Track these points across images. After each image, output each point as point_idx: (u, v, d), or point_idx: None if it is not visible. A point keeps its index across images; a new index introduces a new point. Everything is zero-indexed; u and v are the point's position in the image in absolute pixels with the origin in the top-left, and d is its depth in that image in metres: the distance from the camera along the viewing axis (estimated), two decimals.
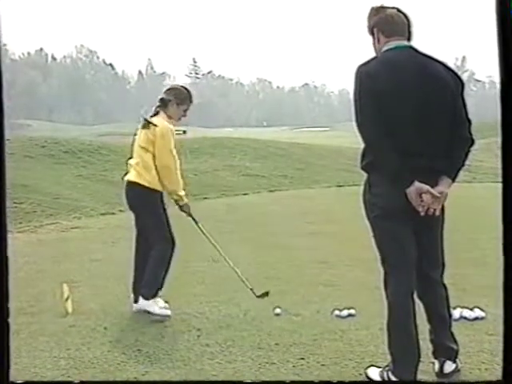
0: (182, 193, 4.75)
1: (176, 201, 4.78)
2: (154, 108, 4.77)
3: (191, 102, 4.83)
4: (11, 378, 2.02)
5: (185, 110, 4.80)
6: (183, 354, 3.87)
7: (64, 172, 19.62)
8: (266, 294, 4.66)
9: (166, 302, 4.78)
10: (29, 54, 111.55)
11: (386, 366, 3.27)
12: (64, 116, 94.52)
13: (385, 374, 3.25)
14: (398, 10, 3.25)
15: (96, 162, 21.70)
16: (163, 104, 4.73)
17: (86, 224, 10.08)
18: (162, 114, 4.71)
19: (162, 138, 4.58)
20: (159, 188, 4.66)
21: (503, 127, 2.08)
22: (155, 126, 4.59)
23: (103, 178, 19.61)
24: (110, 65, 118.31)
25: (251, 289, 4.69)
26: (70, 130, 57.80)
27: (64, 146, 22.53)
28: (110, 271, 6.28)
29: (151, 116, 4.72)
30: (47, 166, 19.73)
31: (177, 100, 4.73)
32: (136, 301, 4.77)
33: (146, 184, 4.61)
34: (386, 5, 3.30)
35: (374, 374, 3.34)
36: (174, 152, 4.64)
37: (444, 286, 3.35)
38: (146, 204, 4.67)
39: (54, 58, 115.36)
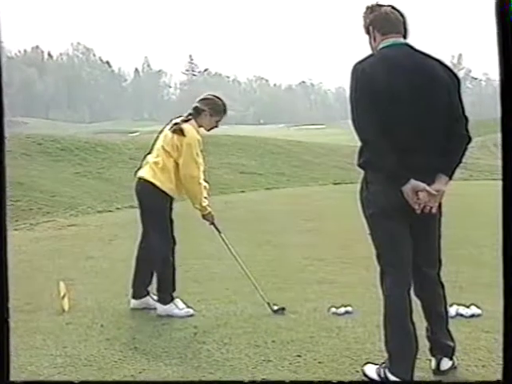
0: (206, 202, 4.70)
1: (199, 210, 4.75)
2: (185, 114, 4.70)
3: (225, 113, 4.78)
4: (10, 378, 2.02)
5: (217, 121, 4.76)
6: (180, 351, 3.86)
7: (61, 170, 19.61)
8: (283, 309, 4.64)
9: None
10: (25, 51, 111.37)
11: (383, 363, 3.27)
12: (60, 113, 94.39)
13: (381, 371, 3.25)
14: (393, 8, 3.25)
15: (93, 159, 21.68)
16: (196, 112, 4.67)
17: (83, 222, 10.07)
18: (193, 121, 4.65)
19: (188, 148, 4.52)
20: (171, 192, 4.62)
21: (503, 126, 2.08)
22: (183, 136, 4.55)
23: (100, 176, 19.63)
24: (107, 62, 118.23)
25: (268, 303, 4.67)
26: (67, 128, 57.77)
27: (61, 143, 22.51)
28: (106, 269, 6.29)
29: (182, 121, 4.65)
30: (44, 163, 19.71)
31: (211, 111, 4.68)
32: (134, 297, 4.76)
33: (159, 184, 4.57)
34: (380, 3, 3.30)
35: (371, 371, 3.34)
36: (200, 160, 4.61)
37: (441, 283, 3.36)
38: (154, 204, 4.64)
39: (50, 56, 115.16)
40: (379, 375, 3.26)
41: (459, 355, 3.46)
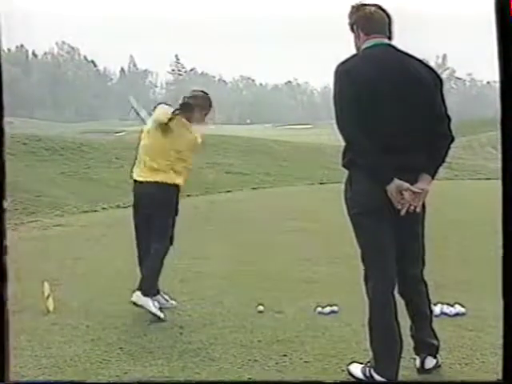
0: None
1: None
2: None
3: (211, 106, 4.84)
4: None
5: (206, 114, 4.81)
6: (166, 351, 3.86)
7: (46, 169, 19.48)
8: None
9: (173, 299, 4.85)
10: (9, 50, 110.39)
11: (368, 362, 3.29)
12: (46, 113, 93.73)
13: (367, 370, 3.26)
14: (379, 8, 3.27)
15: (78, 159, 21.57)
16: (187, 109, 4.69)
17: (68, 222, 10.02)
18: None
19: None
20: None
21: (503, 126, 2.09)
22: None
23: (85, 176, 19.54)
24: (92, 62, 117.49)
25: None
26: (52, 128, 57.32)
27: (46, 143, 22.37)
28: (92, 269, 6.26)
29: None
30: (29, 163, 19.56)
31: (203, 108, 4.77)
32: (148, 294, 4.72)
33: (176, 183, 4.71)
34: (366, 2, 3.32)
35: (356, 370, 3.36)
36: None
37: (424, 282, 3.38)
38: (172, 203, 4.72)
39: (34, 55, 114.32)
40: (364, 374, 3.28)
41: (443, 354, 3.49)
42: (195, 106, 4.70)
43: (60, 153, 21.69)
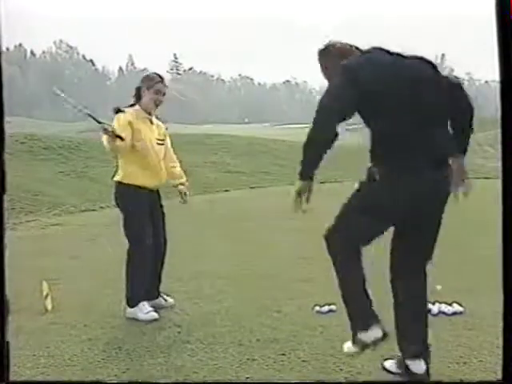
0: None
1: None
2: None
3: (161, 80, 4.72)
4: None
5: (157, 92, 4.67)
6: (164, 350, 3.86)
7: (44, 169, 19.48)
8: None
9: (168, 295, 4.82)
10: (7, 49, 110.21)
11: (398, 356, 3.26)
12: (44, 112, 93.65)
13: (399, 363, 3.25)
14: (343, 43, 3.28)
15: (76, 158, 21.56)
16: (137, 97, 4.71)
17: (67, 221, 10.02)
18: (136, 106, 4.70)
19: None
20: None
21: (503, 126, 2.09)
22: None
23: (84, 175, 19.53)
24: (90, 61, 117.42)
25: None
26: (50, 127, 57.28)
27: (44, 142, 22.37)
28: (90, 268, 6.26)
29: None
30: (27, 162, 19.55)
31: (146, 85, 4.66)
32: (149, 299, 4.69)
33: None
34: (331, 41, 3.31)
35: (391, 366, 3.34)
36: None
37: (423, 281, 3.37)
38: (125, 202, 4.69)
39: (33, 54, 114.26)
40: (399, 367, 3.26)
41: (441, 353, 3.49)
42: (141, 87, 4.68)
43: (58, 152, 21.69)
